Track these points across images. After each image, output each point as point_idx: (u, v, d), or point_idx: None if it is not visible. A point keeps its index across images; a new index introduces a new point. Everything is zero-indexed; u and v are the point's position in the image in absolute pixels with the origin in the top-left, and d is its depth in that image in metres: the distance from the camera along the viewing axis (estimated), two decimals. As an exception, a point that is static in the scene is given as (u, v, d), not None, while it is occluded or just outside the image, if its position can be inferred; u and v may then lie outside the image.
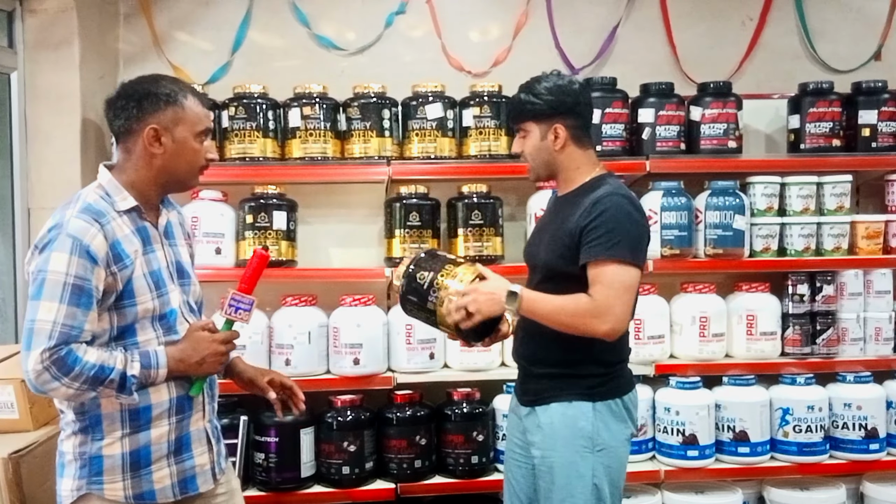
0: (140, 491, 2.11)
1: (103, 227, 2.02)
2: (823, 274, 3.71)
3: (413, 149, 3.59)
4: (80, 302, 1.96)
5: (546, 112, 2.48)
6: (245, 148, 3.51)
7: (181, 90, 2.15)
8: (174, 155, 2.14)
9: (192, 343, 2.14)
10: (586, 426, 2.42)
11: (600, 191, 2.42)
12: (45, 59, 3.51)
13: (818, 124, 3.72)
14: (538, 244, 2.57)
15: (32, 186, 3.52)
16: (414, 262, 2.52)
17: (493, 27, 4.04)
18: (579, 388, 2.44)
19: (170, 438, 2.13)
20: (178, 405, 2.14)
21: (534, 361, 2.53)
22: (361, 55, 3.96)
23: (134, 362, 2.04)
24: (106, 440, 2.08)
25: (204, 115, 2.19)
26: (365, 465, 3.44)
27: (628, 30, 4.06)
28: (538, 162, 2.55)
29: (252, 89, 3.54)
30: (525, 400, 2.55)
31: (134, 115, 2.11)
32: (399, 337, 3.53)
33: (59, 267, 1.96)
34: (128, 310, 2.07)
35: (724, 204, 3.61)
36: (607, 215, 2.35)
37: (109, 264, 2.02)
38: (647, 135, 3.66)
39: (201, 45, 3.90)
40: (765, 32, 4.12)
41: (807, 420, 3.57)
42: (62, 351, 1.94)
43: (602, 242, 2.33)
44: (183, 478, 2.17)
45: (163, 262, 2.18)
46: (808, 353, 3.69)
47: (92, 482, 2.08)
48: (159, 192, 2.21)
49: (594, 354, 2.44)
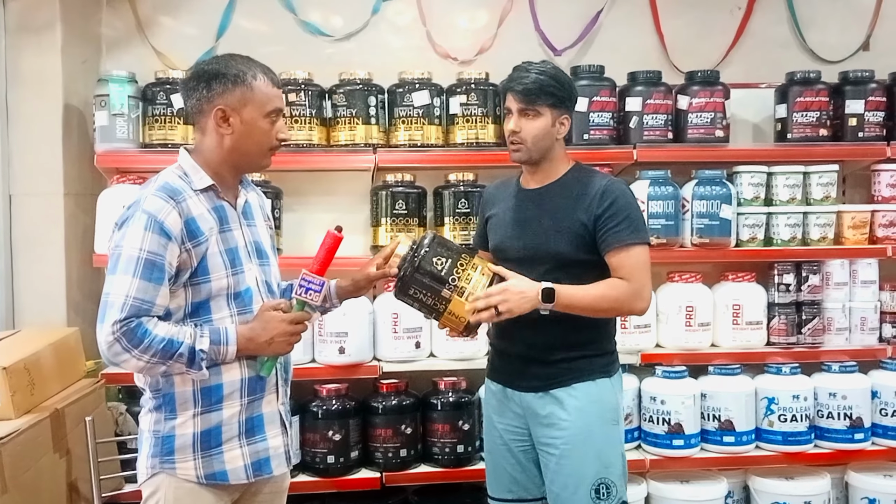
0: (212, 471, 2.12)
1: (178, 205, 2.06)
2: (809, 263, 3.71)
3: (399, 136, 3.56)
4: (153, 276, 2.00)
5: (564, 100, 2.55)
6: (229, 134, 3.47)
7: (250, 70, 2.15)
8: (243, 135, 2.15)
9: (262, 322, 2.14)
10: (612, 400, 2.58)
11: (601, 180, 2.57)
12: (26, 42, 3.45)
13: (805, 114, 3.71)
14: (536, 235, 2.56)
15: (14, 172, 3.47)
16: (426, 245, 2.39)
17: (478, 15, 4.01)
18: (600, 365, 2.58)
19: (241, 419, 2.15)
20: (249, 385, 2.16)
21: (548, 348, 2.54)
22: (348, 41, 3.92)
23: (203, 338, 2.06)
24: (179, 419, 2.11)
25: (274, 96, 2.18)
26: (350, 454, 3.42)
27: (614, 17, 4.03)
28: (538, 146, 2.55)
29: (237, 75, 3.49)
30: (532, 385, 2.58)
31: (204, 96, 2.14)
32: (385, 326, 3.51)
33: (134, 242, 2.01)
34: (202, 286, 2.10)
35: (711, 193, 3.61)
36: (622, 202, 2.50)
37: (184, 241, 2.06)
38: (635, 123, 3.64)
39: (186, 30, 3.85)
40: (752, 21, 4.10)
41: (792, 409, 3.58)
42: (132, 323, 1.98)
43: (624, 228, 2.47)
44: (257, 459, 2.18)
45: (240, 241, 2.20)
46: (793, 342, 3.70)
47: (164, 461, 2.12)
48: (232, 172, 2.22)
49: (608, 333, 2.64)
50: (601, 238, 2.49)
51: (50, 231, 3.46)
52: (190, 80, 2.19)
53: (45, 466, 2.81)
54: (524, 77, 2.54)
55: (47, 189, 3.46)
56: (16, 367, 2.79)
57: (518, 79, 2.55)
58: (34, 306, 3.47)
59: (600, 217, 2.48)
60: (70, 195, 3.50)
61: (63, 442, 2.92)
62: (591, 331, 2.56)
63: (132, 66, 3.57)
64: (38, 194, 3.46)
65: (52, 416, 2.85)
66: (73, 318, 3.48)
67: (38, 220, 3.47)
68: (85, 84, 3.58)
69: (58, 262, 3.46)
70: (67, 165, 3.48)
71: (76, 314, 3.50)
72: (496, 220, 2.71)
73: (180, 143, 3.43)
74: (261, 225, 2.33)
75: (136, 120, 3.45)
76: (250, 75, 2.14)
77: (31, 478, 2.69)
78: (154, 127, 3.45)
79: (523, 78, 2.54)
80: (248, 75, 2.14)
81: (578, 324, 2.47)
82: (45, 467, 2.81)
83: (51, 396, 2.98)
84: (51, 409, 2.87)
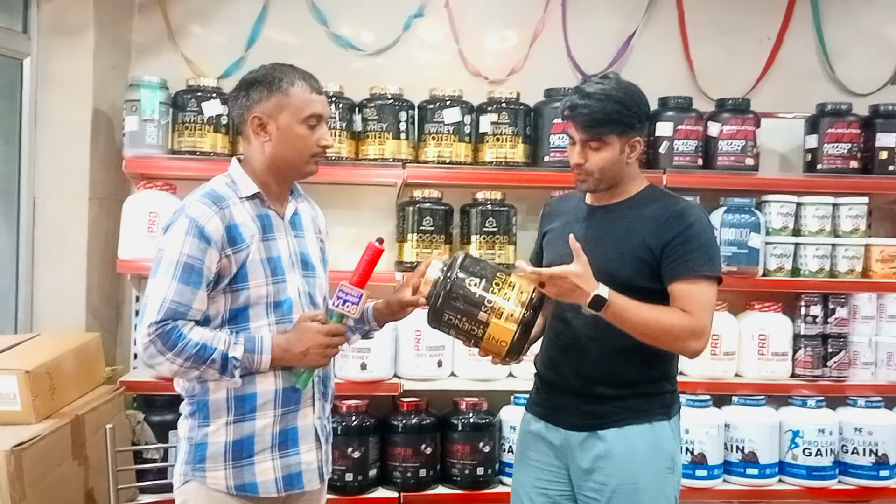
0: (242, 482, 2.08)
1: (221, 211, 2.05)
2: (837, 296, 3.68)
3: (429, 153, 3.55)
4: (190, 280, 2.00)
5: (635, 125, 2.26)
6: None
7: (287, 77, 2.13)
8: (280, 142, 2.12)
9: (298, 333, 2.09)
10: (669, 447, 2.28)
11: (677, 203, 2.30)
12: (58, 45, 3.43)
13: (836, 145, 3.70)
14: (596, 255, 2.17)
15: (39, 174, 3.44)
16: (458, 267, 2.19)
17: (509, 34, 4.00)
18: (659, 406, 2.29)
19: (274, 430, 2.10)
20: (284, 396, 2.11)
21: (599, 380, 2.26)
22: (377, 56, 3.91)
23: (237, 345, 2.03)
24: (212, 426, 2.08)
25: (312, 101, 2.14)
26: (368, 472, 3.37)
27: (644, 42, 4.03)
28: (607, 175, 2.28)
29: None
30: (578, 423, 2.29)
31: (244, 105, 2.14)
32: (407, 343, 3.47)
33: (175, 246, 2.01)
34: (240, 292, 2.07)
35: (740, 221, 3.58)
36: (696, 229, 2.23)
37: (224, 246, 2.04)
38: (665, 148, 3.62)
39: (216, 39, 3.84)
40: (782, 51, 4.09)
41: (816, 443, 3.53)
42: (167, 326, 1.97)
43: (697, 257, 2.19)
44: (288, 473, 2.12)
45: (284, 250, 2.16)
46: (819, 375, 3.67)
47: (196, 468, 2.08)
48: (276, 180, 2.18)
49: (670, 370, 2.34)
50: (668, 265, 2.21)
51: (73, 235, 3.42)
52: (234, 90, 2.19)
53: (63, 473, 2.75)
54: (586, 105, 2.22)
55: (72, 192, 3.43)
56: (38, 372, 2.75)
57: (579, 106, 2.22)
58: (53, 309, 3.42)
59: (670, 242, 2.20)
60: (95, 199, 3.47)
61: (82, 449, 2.87)
62: (655, 366, 2.28)
63: (161, 72, 3.54)
64: (63, 197, 3.43)
65: (72, 423, 2.80)
66: (91, 322, 3.44)
67: (62, 224, 3.43)
68: (114, 89, 3.56)
69: (79, 266, 3.42)
70: (94, 169, 3.46)
71: (94, 319, 3.46)
72: (554, 236, 2.44)
73: (209, 150, 3.42)
74: (310, 237, 2.28)
75: (165, 126, 3.42)
76: (287, 82, 2.12)
77: (49, 485, 2.63)
78: (183, 134, 3.43)
79: (584, 106, 2.21)
80: (285, 82, 2.12)
81: (640, 356, 2.21)
82: (64, 474, 2.76)
83: (70, 402, 2.94)
84: (71, 416, 2.82)
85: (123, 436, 3.21)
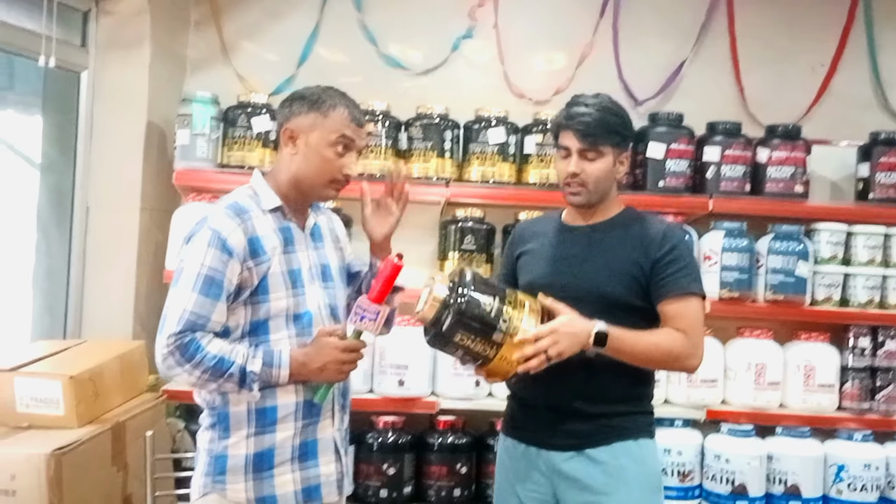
0: (262, 494, 2.08)
1: (244, 223, 2.06)
2: (887, 328, 3.59)
3: (472, 172, 3.57)
4: (210, 292, 2.00)
5: (627, 138, 2.33)
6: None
7: (331, 100, 2.14)
8: (304, 158, 2.13)
9: (316, 348, 2.09)
10: (654, 465, 2.31)
11: (660, 223, 2.34)
12: (115, 59, 3.54)
13: (889, 174, 3.62)
14: (582, 274, 2.27)
15: (93, 185, 3.53)
16: (470, 284, 2.10)
17: (557, 56, 4.01)
18: (644, 424, 2.30)
19: (294, 443, 2.10)
20: (304, 409, 2.11)
21: (590, 400, 2.24)
22: (425, 76, 3.95)
23: (255, 359, 2.03)
24: (232, 438, 2.08)
25: (347, 127, 2.13)
26: (403, 489, 3.37)
27: (695, 67, 4.00)
28: (599, 189, 2.29)
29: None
30: (563, 444, 2.26)
31: (284, 115, 2.17)
32: (446, 361, 3.46)
33: (196, 257, 2.01)
34: (261, 305, 2.08)
35: (788, 249, 3.53)
36: (683, 248, 2.28)
37: (245, 259, 2.04)
38: (712, 173, 3.58)
39: (268, 56, 3.92)
40: (836, 79, 4.03)
41: (862, 479, 3.44)
42: (186, 338, 1.97)
43: (685, 276, 2.23)
44: (307, 486, 2.12)
45: (304, 263, 2.17)
46: (866, 408, 3.57)
47: (216, 480, 2.09)
48: (297, 196, 2.18)
49: (649, 390, 2.36)
50: (658, 283, 2.23)
51: (123, 245, 3.50)
52: (280, 104, 2.22)
53: (102, 479, 2.80)
54: (584, 114, 2.25)
55: (124, 203, 3.51)
56: (81, 378, 2.80)
57: (577, 115, 2.26)
58: (101, 317, 3.51)
59: (660, 260, 2.23)
60: (146, 210, 3.55)
61: (122, 455, 2.91)
62: (639, 384, 2.30)
63: (213, 87, 3.62)
64: (115, 208, 3.52)
65: (113, 429, 2.85)
66: (138, 331, 3.50)
67: (113, 234, 3.51)
68: (167, 103, 3.65)
69: (129, 275, 3.50)
70: (146, 181, 3.54)
71: (142, 328, 3.52)
72: (530, 258, 2.41)
73: (256, 165, 3.46)
74: (329, 247, 2.29)
75: (216, 140, 3.50)
76: (329, 104, 2.13)
77: (87, 489, 2.67)
78: (233, 148, 3.50)
79: (583, 115, 2.25)
80: (328, 104, 2.13)
81: (625, 374, 2.21)
82: (103, 480, 2.80)
83: (112, 409, 2.98)
84: (113, 422, 2.87)
85: (164, 444, 3.25)
